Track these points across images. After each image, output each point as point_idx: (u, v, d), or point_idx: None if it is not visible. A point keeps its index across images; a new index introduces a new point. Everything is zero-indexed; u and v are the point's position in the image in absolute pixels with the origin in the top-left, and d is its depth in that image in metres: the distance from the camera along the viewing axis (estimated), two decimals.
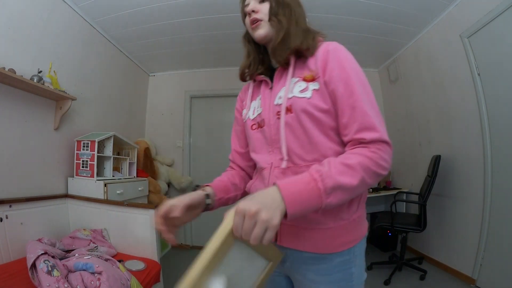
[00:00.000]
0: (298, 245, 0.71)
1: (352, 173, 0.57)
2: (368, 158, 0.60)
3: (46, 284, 1.17)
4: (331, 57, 0.68)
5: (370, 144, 0.62)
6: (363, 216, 0.74)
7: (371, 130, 0.62)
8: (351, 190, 0.58)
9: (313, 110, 0.67)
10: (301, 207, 0.53)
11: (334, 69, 0.66)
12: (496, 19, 1.93)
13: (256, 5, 0.75)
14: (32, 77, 1.74)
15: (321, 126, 0.68)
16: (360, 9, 2.41)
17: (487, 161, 2.11)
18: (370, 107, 0.64)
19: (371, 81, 0.71)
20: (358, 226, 0.72)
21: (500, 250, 1.99)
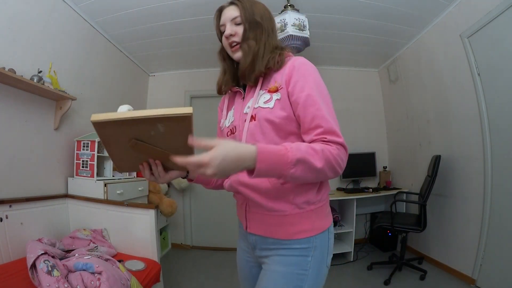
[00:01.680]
0: (262, 231, 0.81)
1: (318, 157, 0.65)
2: (330, 152, 0.67)
3: (46, 284, 1.17)
4: (296, 71, 0.76)
5: (331, 143, 0.69)
6: (323, 209, 0.81)
7: (333, 134, 0.70)
8: (314, 171, 0.65)
9: (274, 118, 0.75)
10: (269, 167, 0.62)
11: (297, 82, 0.75)
12: (496, 19, 1.93)
13: (233, 28, 0.82)
14: (32, 77, 1.74)
15: (281, 131, 0.76)
16: (360, 9, 2.41)
17: (487, 161, 2.11)
18: (330, 116, 0.72)
19: (371, 81, 0.73)
20: (317, 217, 0.79)
21: (500, 250, 1.99)
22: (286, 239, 0.77)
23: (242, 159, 0.60)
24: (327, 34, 2.85)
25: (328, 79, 3.80)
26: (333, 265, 2.96)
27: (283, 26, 1.98)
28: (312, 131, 0.72)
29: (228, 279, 2.59)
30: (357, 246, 3.17)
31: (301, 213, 0.77)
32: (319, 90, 0.75)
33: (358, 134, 3.63)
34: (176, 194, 3.54)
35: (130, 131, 0.57)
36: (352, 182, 3.49)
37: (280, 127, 0.76)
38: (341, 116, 3.85)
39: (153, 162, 0.68)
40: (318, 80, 0.77)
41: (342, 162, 0.69)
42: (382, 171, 3.47)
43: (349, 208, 3.10)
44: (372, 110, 3.70)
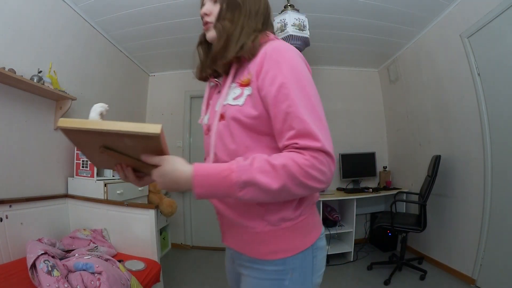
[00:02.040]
0: (236, 246, 0.72)
1: (274, 175, 0.54)
2: (296, 165, 0.55)
3: (46, 284, 1.17)
4: (267, 59, 0.62)
5: (304, 150, 0.56)
6: (303, 225, 0.67)
7: (307, 137, 0.56)
8: (269, 192, 0.55)
9: (243, 118, 0.63)
10: (210, 191, 0.57)
11: (268, 72, 0.61)
12: (496, 19, 1.93)
13: (209, 7, 0.72)
14: (32, 77, 1.74)
15: (253, 133, 0.64)
16: (360, 9, 2.41)
17: (487, 161, 2.11)
18: (308, 112, 0.58)
19: (371, 81, 0.70)
20: (296, 235, 0.66)
21: (500, 250, 1.99)
22: (259, 258, 0.66)
23: (179, 183, 0.57)
24: (327, 34, 2.85)
25: (328, 79, 3.81)
26: (333, 265, 2.98)
27: (283, 26, 1.97)
28: (284, 134, 0.59)
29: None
30: (357, 246, 3.16)
31: (274, 230, 0.65)
32: (296, 80, 0.60)
33: (358, 134, 3.63)
34: (176, 194, 3.54)
35: (98, 139, 0.55)
36: (352, 182, 3.49)
37: (251, 127, 0.64)
38: (341, 116, 3.87)
39: (124, 167, 0.65)
40: (295, 68, 0.61)
41: (319, 174, 0.56)
42: (382, 171, 3.47)
43: (349, 208, 3.10)
44: (372, 110, 3.69)
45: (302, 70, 0.62)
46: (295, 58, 0.63)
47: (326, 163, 0.57)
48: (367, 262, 2.80)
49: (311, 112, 0.58)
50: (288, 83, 0.59)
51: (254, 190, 0.55)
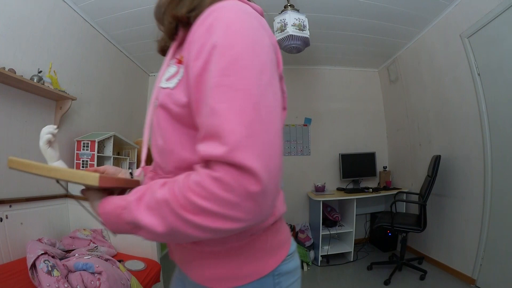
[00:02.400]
0: (180, 264, 0.57)
1: (158, 213, 0.39)
2: (172, 193, 0.38)
3: (46, 284, 1.17)
4: (197, 26, 0.44)
5: (207, 163, 0.38)
6: (253, 248, 0.50)
7: (213, 139, 0.37)
8: (160, 236, 0.40)
9: (171, 105, 0.47)
10: (119, 229, 0.45)
11: (195, 44, 0.43)
12: (496, 19, 1.93)
13: None
14: (32, 77, 1.74)
15: (181, 126, 0.48)
16: (360, 9, 2.41)
17: (487, 161, 2.11)
18: (231, 98, 0.37)
19: (371, 81, 0.59)
20: (241, 259, 0.49)
21: (500, 250, 1.99)
22: (203, 285, 0.51)
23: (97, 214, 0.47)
24: (327, 34, 2.85)
25: (328, 79, 3.81)
26: (333, 265, 2.98)
27: (283, 26, 1.97)
28: (200, 132, 0.41)
29: None
30: (357, 246, 3.17)
31: (219, 251, 0.49)
32: (230, 53, 0.39)
33: (358, 134, 3.63)
34: None
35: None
36: (352, 182, 3.49)
37: (180, 119, 0.47)
38: (341, 116, 3.87)
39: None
40: (236, 33, 0.40)
41: (218, 206, 0.35)
42: (382, 171, 3.47)
43: (349, 208, 3.10)
44: (372, 110, 3.70)
45: (244, 36, 0.41)
46: (238, 20, 0.42)
47: (237, 187, 0.34)
48: (367, 262, 2.80)
49: (241, 98, 0.37)
50: (213, 58, 0.39)
51: (145, 233, 0.41)
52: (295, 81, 3.69)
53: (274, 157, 0.37)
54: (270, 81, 0.40)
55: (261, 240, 0.50)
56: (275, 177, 0.37)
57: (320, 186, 3.31)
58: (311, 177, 3.51)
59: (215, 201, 0.35)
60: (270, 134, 0.37)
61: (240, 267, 0.49)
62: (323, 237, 2.96)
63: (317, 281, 2.56)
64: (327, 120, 3.64)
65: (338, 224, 3.13)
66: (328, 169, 3.57)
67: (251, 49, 0.40)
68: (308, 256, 2.87)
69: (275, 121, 0.39)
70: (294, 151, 3.58)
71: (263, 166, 0.35)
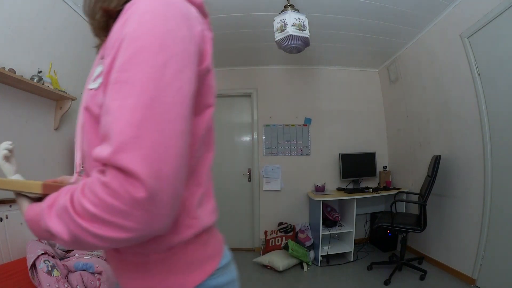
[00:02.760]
0: (115, 273, 0.53)
1: (63, 220, 0.36)
2: (71, 199, 0.36)
3: (46, 284, 1.17)
4: (119, 18, 0.42)
5: (105, 168, 0.35)
6: (176, 261, 0.46)
7: (106, 140, 0.35)
8: (69, 244, 0.37)
9: (93, 107, 0.44)
10: (39, 235, 0.43)
11: (111, 37, 0.42)
12: (496, 19, 1.93)
13: None
14: (32, 77, 1.74)
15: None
16: (360, 9, 2.41)
17: (487, 161, 2.11)
18: (124, 95, 0.35)
19: (371, 81, 0.58)
20: (164, 272, 0.46)
21: (500, 250, 1.99)
22: None
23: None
24: (327, 34, 2.85)
25: (328, 79, 3.82)
26: (333, 265, 2.99)
27: (283, 26, 1.98)
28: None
29: None
30: (357, 246, 3.17)
31: (145, 262, 0.46)
32: (133, 44, 0.37)
33: (358, 134, 3.63)
34: None
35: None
36: (352, 182, 3.49)
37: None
38: (341, 116, 3.89)
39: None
40: (142, 26, 0.38)
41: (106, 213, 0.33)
42: (382, 171, 3.47)
43: (349, 208, 3.10)
44: (372, 110, 3.70)
45: (154, 27, 0.38)
46: (152, 11, 0.39)
47: (122, 193, 0.32)
48: (367, 262, 2.80)
49: (135, 95, 0.34)
50: (122, 49, 0.37)
51: (58, 240, 0.38)
52: (295, 81, 3.69)
53: (166, 160, 0.34)
54: (177, 75, 0.37)
55: (183, 253, 0.47)
56: (168, 183, 0.34)
57: (320, 186, 3.31)
58: (311, 177, 3.51)
59: (104, 209, 0.33)
60: (164, 134, 0.34)
61: (162, 280, 0.46)
62: (323, 237, 2.96)
63: (317, 281, 2.56)
64: (327, 120, 3.64)
65: (338, 224, 3.13)
66: (328, 169, 3.57)
67: (158, 41, 0.37)
68: (308, 256, 2.87)
69: (176, 119, 0.36)
70: (294, 151, 3.58)
71: (149, 170, 0.32)
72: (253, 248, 3.48)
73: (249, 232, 3.53)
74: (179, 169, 0.35)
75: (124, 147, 0.32)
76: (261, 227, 3.47)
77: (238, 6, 2.38)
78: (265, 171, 3.53)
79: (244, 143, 3.68)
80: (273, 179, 3.52)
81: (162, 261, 0.46)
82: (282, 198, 3.50)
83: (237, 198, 3.59)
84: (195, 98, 0.42)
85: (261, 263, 2.86)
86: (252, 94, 3.64)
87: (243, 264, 2.97)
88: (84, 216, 0.34)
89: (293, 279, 2.60)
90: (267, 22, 2.30)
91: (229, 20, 2.58)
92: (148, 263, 0.46)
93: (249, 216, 3.55)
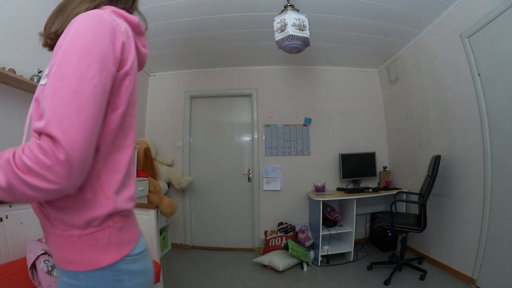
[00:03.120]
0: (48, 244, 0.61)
1: (4, 170, 0.46)
2: (19, 154, 0.46)
3: (46, 284, 1.17)
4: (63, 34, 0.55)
5: (41, 136, 0.47)
6: (91, 239, 0.55)
7: (42, 116, 0.47)
8: (2, 190, 0.46)
9: (41, 98, 0.55)
10: None
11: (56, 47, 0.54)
12: (496, 19, 1.93)
13: None
14: (32, 77, 1.74)
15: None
16: (360, 9, 2.42)
17: (487, 161, 2.11)
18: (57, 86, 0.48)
19: (371, 81, 0.63)
20: (81, 247, 0.55)
21: (500, 250, 1.99)
22: (57, 264, 0.58)
23: None
24: (327, 34, 2.85)
25: (328, 79, 3.82)
26: (333, 265, 2.99)
27: (283, 26, 1.97)
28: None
29: (228, 279, 2.59)
30: (357, 246, 3.17)
31: (65, 236, 0.55)
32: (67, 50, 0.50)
33: (358, 134, 3.63)
34: (176, 194, 3.54)
35: None
36: (352, 182, 3.49)
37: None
38: (341, 116, 3.89)
39: None
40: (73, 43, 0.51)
41: (38, 167, 0.44)
42: (382, 171, 3.47)
43: (349, 208, 3.10)
44: (372, 110, 3.70)
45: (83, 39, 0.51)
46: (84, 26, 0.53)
47: (50, 153, 0.44)
48: (367, 262, 2.80)
49: (64, 86, 0.47)
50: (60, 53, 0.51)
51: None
52: (295, 81, 3.70)
53: (80, 134, 0.46)
54: (95, 75, 0.50)
55: (100, 235, 0.56)
56: (79, 151, 0.46)
57: (320, 186, 3.31)
58: (311, 177, 3.51)
59: (36, 162, 0.44)
60: (80, 116, 0.47)
61: (79, 254, 0.55)
62: (323, 237, 2.96)
63: (317, 281, 2.56)
64: (327, 120, 3.64)
65: (338, 224, 3.13)
66: (328, 169, 3.57)
67: (85, 49, 0.50)
68: (308, 256, 2.87)
69: (89, 106, 0.49)
70: (294, 151, 3.59)
71: (68, 139, 0.45)
72: (253, 248, 3.48)
73: (249, 232, 3.53)
74: (88, 143, 0.48)
75: (53, 121, 0.45)
76: (261, 227, 3.47)
77: (238, 6, 2.38)
78: (265, 171, 3.53)
79: (244, 143, 3.68)
80: (273, 179, 3.53)
81: (81, 238, 0.54)
82: (282, 198, 3.50)
83: (237, 198, 3.59)
84: (112, 96, 0.56)
85: (261, 263, 2.86)
86: (252, 94, 3.64)
87: (243, 264, 2.97)
88: (21, 167, 0.45)
89: (293, 279, 2.60)
90: (267, 22, 2.30)
91: (229, 20, 2.58)
92: (70, 238, 0.55)
93: (249, 216, 3.55)
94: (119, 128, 0.59)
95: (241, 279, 2.60)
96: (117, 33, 0.57)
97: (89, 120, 0.48)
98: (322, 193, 3.23)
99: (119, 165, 0.60)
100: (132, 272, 0.59)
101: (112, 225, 0.57)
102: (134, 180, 0.68)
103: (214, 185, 3.60)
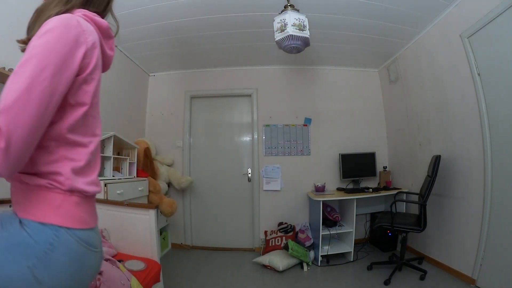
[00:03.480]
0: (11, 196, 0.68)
1: None
2: None
3: None
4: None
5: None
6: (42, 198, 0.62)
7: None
8: None
9: None
10: None
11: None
12: (496, 19, 1.93)
13: None
14: None
15: None
16: (360, 9, 2.42)
17: (487, 161, 2.11)
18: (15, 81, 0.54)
19: (371, 81, 0.65)
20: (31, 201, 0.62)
21: (500, 250, 1.99)
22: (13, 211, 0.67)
23: None
24: (327, 34, 2.85)
25: (328, 79, 3.82)
26: (333, 265, 2.98)
27: (283, 26, 1.97)
28: None
29: (228, 279, 2.59)
30: (357, 246, 3.17)
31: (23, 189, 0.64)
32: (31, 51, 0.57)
33: (358, 134, 3.63)
34: (176, 194, 3.54)
35: None
36: (352, 182, 3.49)
37: None
38: (341, 116, 3.89)
39: None
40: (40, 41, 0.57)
41: None
42: (382, 171, 3.47)
43: (349, 208, 3.10)
44: (372, 110, 3.70)
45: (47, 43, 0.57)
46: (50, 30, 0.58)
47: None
48: (367, 262, 2.80)
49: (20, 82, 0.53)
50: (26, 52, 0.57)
51: None
52: (295, 81, 3.70)
53: (21, 129, 0.52)
54: (48, 77, 0.56)
55: (53, 196, 0.63)
56: (17, 143, 0.52)
57: (320, 186, 3.31)
58: (311, 177, 3.52)
59: None
60: (25, 111, 0.52)
61: (31, 207, 0.62)
62: (323, 237, 2.96)
63: (317, 281, 2.56)
64: (327, 120, 3.64)
65: (338, 224, 3.13)
66: (328, 169, 3.57)
67: (46, 52, 0.56)
68: (308, 256, 2.87)
69: (36, 104, 0.54)
70: (294, 151, 3.59)
71: (9, 130, 0.50)
72: (253, 248, 3.48)
73: (249, 232, 3.53)
74: (27, 137, 0.53)
75: (2, 112, 0.51)
76: (261, 227, 3.47)
77: (238, 6, 2.38)
78: (265, 171, 3.53)
79: (244, 143, 3.68)
80: (273, 179, 3.53)
81: (36, 193, 0.62)
82: (282, 198, 3.50)
83: (237, 198, 3.59)
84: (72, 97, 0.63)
85: (261, 263, 2.86)
86: (252, 94, 3.64)
87: (243, 264, 2.97)
88: None
89: (293, 279, 2.60)
90: (267, 22, 2.30)
91: (229, 20, 2.58)
92: (26, 191, 0.62)
93: (249, 216, 3.55)
94: (78, 126, 0.66)
95: (241, 279, 2.60)
96: (80, 40, 0.62)
97: (32, 117, 0.53)
98: (322, 193, 3.23)
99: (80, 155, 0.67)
100: (68, 250, 0.62)
101: (69, 197, 0.64)
102: (97, 170, 0.75)
103: (214, 185, 3.60)
